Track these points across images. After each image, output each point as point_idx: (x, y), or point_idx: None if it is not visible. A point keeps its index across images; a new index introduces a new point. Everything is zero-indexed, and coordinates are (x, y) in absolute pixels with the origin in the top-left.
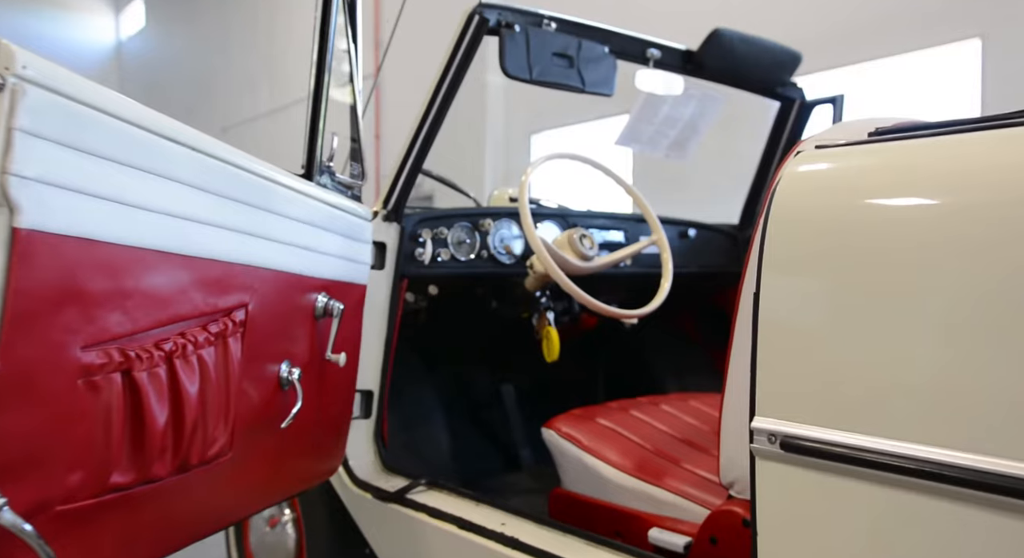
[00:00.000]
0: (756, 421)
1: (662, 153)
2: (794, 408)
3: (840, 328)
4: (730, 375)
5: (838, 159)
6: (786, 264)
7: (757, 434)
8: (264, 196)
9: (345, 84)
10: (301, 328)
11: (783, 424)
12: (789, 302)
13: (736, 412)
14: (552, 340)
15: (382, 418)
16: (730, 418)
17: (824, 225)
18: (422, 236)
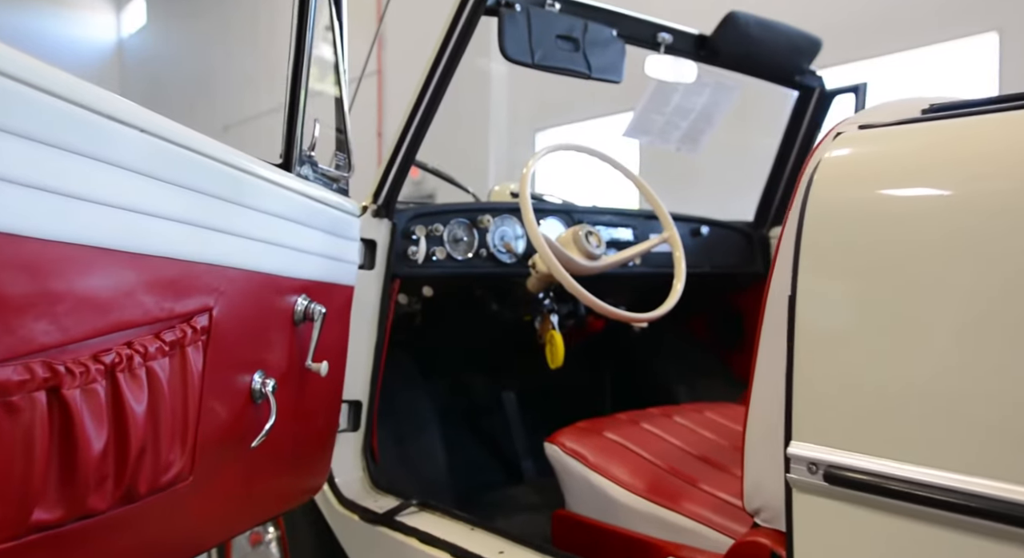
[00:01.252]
0: (793, 447)
1: (673, 146)
2: (841, 433)
3: (899, 339)
4: (756, 388)
5: (891, 140)
6: (830, 263)
7: (794, 462)
8: (233, 187)
9: (330, 72)
10: (277, 334)
11: (827, 451)
12: (835, 308)
13: (763, 430)
14: (556, 345)
15: (371, 430)
16: (756, 437)
17: (878, 217)
18: (416, 233)
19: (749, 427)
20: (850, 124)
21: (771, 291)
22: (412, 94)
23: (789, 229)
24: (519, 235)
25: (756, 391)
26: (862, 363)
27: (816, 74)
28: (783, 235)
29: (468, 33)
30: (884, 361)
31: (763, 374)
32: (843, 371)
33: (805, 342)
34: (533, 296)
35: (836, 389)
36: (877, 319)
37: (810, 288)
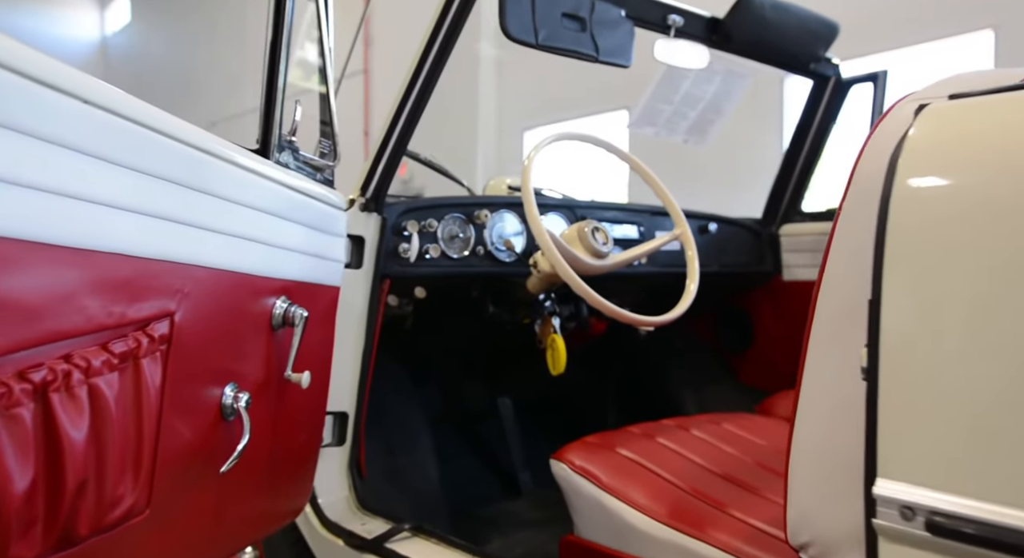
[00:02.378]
0: (881, 486)
1: (680, 137)
2: (948, 471)
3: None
4: (804, 407)
5: (1005, 111)
6: (933, 262)
7: (882, 505)
8: (199, 173)
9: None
10: (252, 341)
11: (927, 494)
12: (941, 316)
13: (813, 455)
14: (558, 350)
15: (359, 444)
16: (803, 462)
17: (1000, 205)
18: (407, 229)
19: (794, 450)
20: (916, 100)
21: (822, 296)
22: (405, 76)
23: (855, 223)
24: (518, 231)
25: (804, 410)
26: (978, 383)
27: (832, 62)
28: (837, 230)
29: (465, 10)
30: (1008, 381)
31: (813, 390)
32: (951, 393)
33: (896, 357)
34: (533, 297)
35: (941, 416)
36: (999, 330)
37: (904, 292)
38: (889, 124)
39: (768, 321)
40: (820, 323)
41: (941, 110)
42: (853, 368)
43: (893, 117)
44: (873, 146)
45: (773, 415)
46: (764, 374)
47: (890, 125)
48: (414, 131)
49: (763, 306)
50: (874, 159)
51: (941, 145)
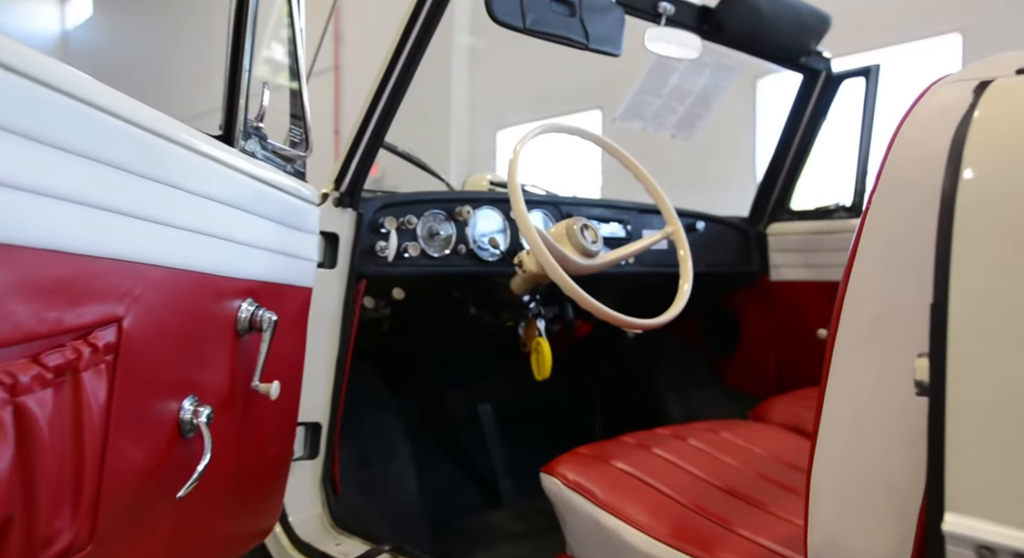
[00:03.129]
0: (952, 522)
1: (668, 132)
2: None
3: None
4: (828, 417)
5: None
6: (1020, 259)
7: (954, 543)
8: (153, 160)
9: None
10: (214, 349)
11: (1013, 534)
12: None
13: (840, 472)
14: (544, 354)
15: (333, 456)
16: (829, 480)
17: None
18: (385, 226)
19: (818, 469)
20: (956, 81)
21: (850, 298)
22: (383, 60)
23: (888, 217)
24: (501, 229)
25: (830, 424)
26: None
27: (823, 56)
28: (867, 226)
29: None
30: None
31: (840, 403)
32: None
33: (969, 369)
34: (517, 299)
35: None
36: None
37: (980, 295)
38: (930, 108)
39: (755, 323)
40: (847, 328)
41: (1012, 87)
42: (890, 378)
43: (934, 101)
44: (912, 133)
45: (767, 421)
46: (751, 378)
47: (932, 109)
48: (392, 121)
49: (750, 307)
50: (915, 147)
51: (1021, 126)
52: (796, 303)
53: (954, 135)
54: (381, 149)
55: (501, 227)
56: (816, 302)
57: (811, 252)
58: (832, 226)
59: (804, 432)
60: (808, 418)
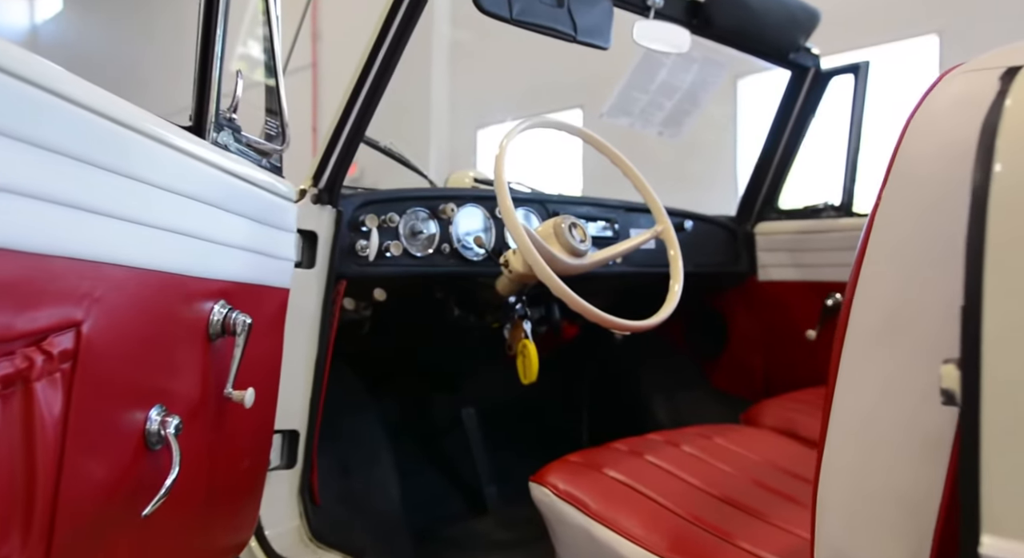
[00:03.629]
0: (992, 545)
1: (655, 129)
2: None
3: None
4: (836, 427)
5: None
6: None
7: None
8: (117, 151)
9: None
10: (184, 354)
11: None
12: None
13: (849, 485)
14: (530, 357)
15: (311, 465)
16: (837, 493)
17: None
18: (366, 224)
19: (825, 481)
20: (974, 70)
21: (858, 301)
22: (363, 52)
23: (900, 214)
24: (486, 227)
25: (837, 434)
26: None
27: (812, 52)
28: (876, 224)
29: None
30: None
31: (849, 411)
32: None
33: (1007, 378)
34: (503, 299)
35: None
36: None
37: (1019, 298)
38: (946, 99)
39: (742, 324)
40: (855, 332)
41: None
42: (902, 385)
43: (950, 91)
44: (926, 125)
45: (759, 425)
46: (738, 379)
47: (949, 99)
48: (373, 114)
49: (737, 308)
50: (930, 139)
51: None
52: (784, 304)
53: (982, 126)
54: (361, 145)
55: (485, 225)
56: (805, 303)
57: (800, 252)
58: (821, 225)
59: (798, 436)
60: (801, 422)
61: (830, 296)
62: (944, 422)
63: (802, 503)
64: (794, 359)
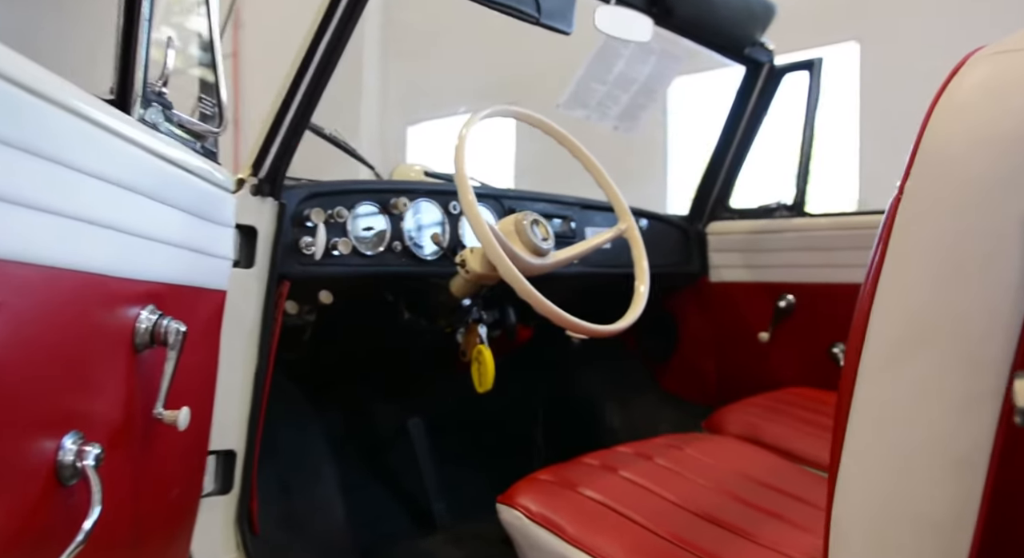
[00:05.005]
0: None
1: (611, 123)
2: None
3: None
4: (852, 450)
5: None
6: None
7: None
8: (20, 122)
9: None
10: (105, 369)
11: None
12: None
13: (866, 505)
14: (486, 364)
15: (250, 489)
16: (854, 514)
17: None
18: (311, 219)
19: (840, 512)
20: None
21: (879, 306)
22: (311, 25)
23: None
24: (439, 223)
25: (855, 460)
26: None
27: (767, 47)
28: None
29: None
30: None
31: (870, 433)
32: None
33: None
34: (456, 302)
35: None
36: None
37: None
38: (974, 85)
39: (693, 326)
40: (876, 342)
41: None
42: (934, 399)
43: (976, 76)
44: (953, 115)
45: (723, 433)
46: (689, 383)
47: (977, 86)
48: (321, 95)
49: (688, 309)
50: (962, 127)
51: None
52: (736, 305)
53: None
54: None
55: (439, 221)
56: (757, 304)
57: (752, 252)
58: (774, 225)
59: (764, 444)
60: (765, 428)
61: (782, 297)
62: (980, 439)
63: (786, 519)
64: (746, 362)
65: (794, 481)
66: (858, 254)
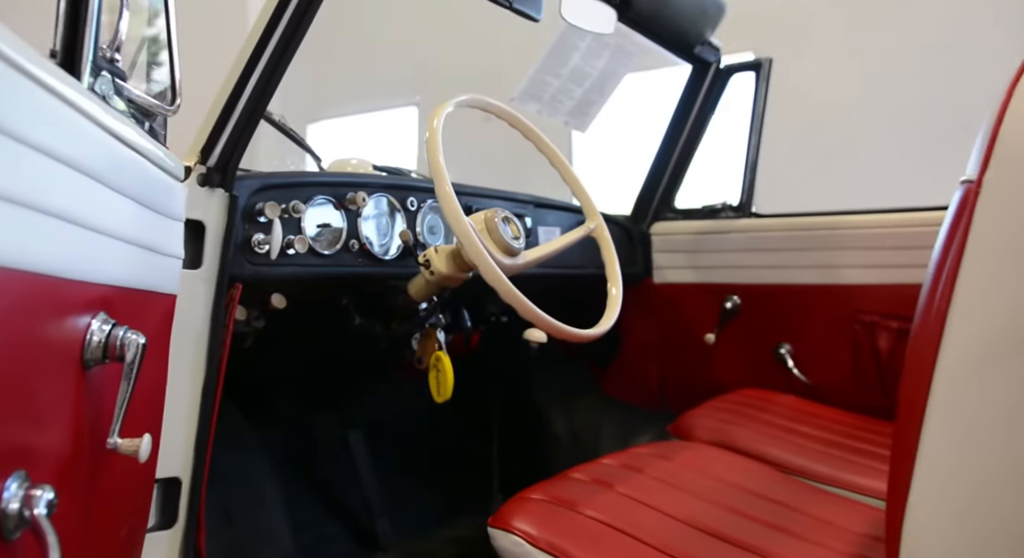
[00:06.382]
0: None
1: (563, 118)
2: None
3: None
4: (925, 460)
5: None
6: None
7: None
8: None
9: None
10: (50, 391)
11: None
12: None
13: (950, 525)
14: (446, 372)
15: (197, 520)
16: (935, 536)
17: None
18: (265, 214)
19: (912, 527)
20: None
21: (961, 309)
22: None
23: (1015, 202)
24: (395, 219)
25: (930, 470)
26: None
27: (715, 46)
28: (978, 218)
29: None
30: None
31: (948, 444)
32: None
33: None
34: (414, 306)
35: None
36: None
37: None
38: None
39: (636, 328)
40: (956, 347)
41: None
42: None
43: None
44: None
45: (693, 439)
46: (631, 386)
47: None
48: (282, 75)
49: (631, 312)
50: None
51: None
52: (681, 307)
53: None
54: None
55: (395, 218)
56: (703, 306)
57: (697, 253)
58: (719, 226)
59: (737, 449)
60: (736, 434)
61: (728, 299)
62: None
63: (791, 532)
64: (692, 364)
65: (782, 490)
66: (805, 255)
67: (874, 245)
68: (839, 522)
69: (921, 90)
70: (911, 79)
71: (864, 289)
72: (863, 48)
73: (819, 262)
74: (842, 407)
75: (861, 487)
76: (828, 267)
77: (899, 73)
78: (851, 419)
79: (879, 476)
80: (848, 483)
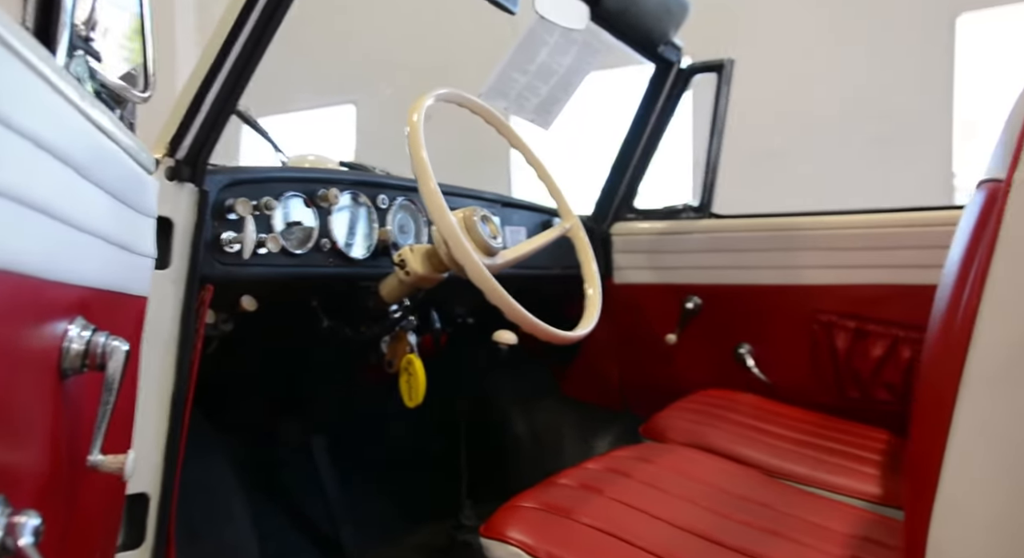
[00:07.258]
0: None
1: (528, 116)
2: None
3: None
4: (952, 472)
5: None
6: None
7: None
8: None
9: None
10: (29, 406)
11: None
12: None
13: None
14: (418, 376)
15: (166, 537)
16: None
17: None
18: (236, 211)
19: (939, 540)
20: None
21: (985, 317)
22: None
23: None
24: (371, 219)
25: (960, 481)
26: None
27: (677, 46)
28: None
29: None
30: None
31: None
32: None
33: None
34: (385, 307)
35: None
36: None
37: None
38: None
39: (596, 328)
40: (989, 350)
41: None
42: None
43: None
44: None
45: (667, 441)
46: (591, 386)
47: None
48: (256, 65)
49: None
50: None
51: None
52: (641, 307)
53: None
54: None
55: (369, 217)
56: (663, 306)
57: (657, 254)
58: (679, 227)
59: (713, 450)
60: (710, 434)
61: (689, 299)
62: None
63: (784, 536)
64: (652, 365)
65: (766, 492)
66: (765, 255)
67: (833, 246)
68: (825, 523)
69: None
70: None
71: (823, 289)
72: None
73: (779, 263)
74: (801, 406)
75: (839, 487)
76: (787, 267)
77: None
78: (814, 418)
79: (853, 476)
80: (826, 483)
